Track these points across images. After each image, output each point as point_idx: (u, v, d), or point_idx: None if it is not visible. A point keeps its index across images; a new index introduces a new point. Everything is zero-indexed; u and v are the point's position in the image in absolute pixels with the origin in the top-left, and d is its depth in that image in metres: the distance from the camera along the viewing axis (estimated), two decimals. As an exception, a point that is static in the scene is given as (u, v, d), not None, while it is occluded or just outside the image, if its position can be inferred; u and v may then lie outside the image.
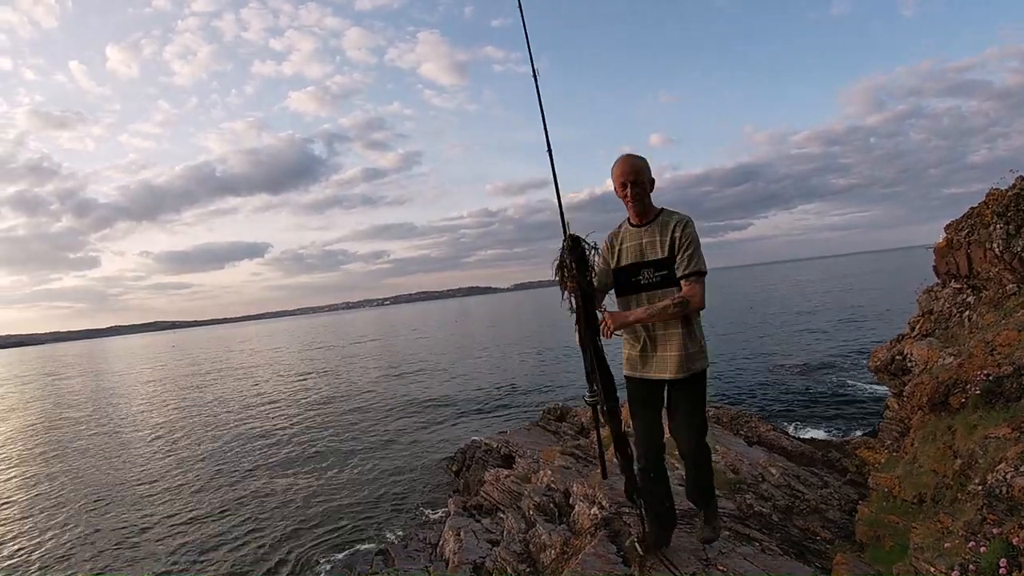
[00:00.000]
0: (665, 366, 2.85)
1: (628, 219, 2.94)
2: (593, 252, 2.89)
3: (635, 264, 2.86)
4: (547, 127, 3.00)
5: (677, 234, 2.74)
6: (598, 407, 3.07)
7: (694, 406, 2.91)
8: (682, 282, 2.71)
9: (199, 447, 16.87)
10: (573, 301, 2.85)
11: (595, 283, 2.89)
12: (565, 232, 2.87)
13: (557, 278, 2.88)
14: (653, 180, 2.85)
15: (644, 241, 2.85)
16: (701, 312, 2.83)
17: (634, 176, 2.77)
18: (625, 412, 3.10)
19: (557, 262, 2.87)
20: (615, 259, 2.95)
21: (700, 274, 2.69)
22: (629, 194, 2.80)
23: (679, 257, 2.72)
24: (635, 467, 3.04)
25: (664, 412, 3.02)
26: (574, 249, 2.83)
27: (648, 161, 2.83)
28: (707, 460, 3.12)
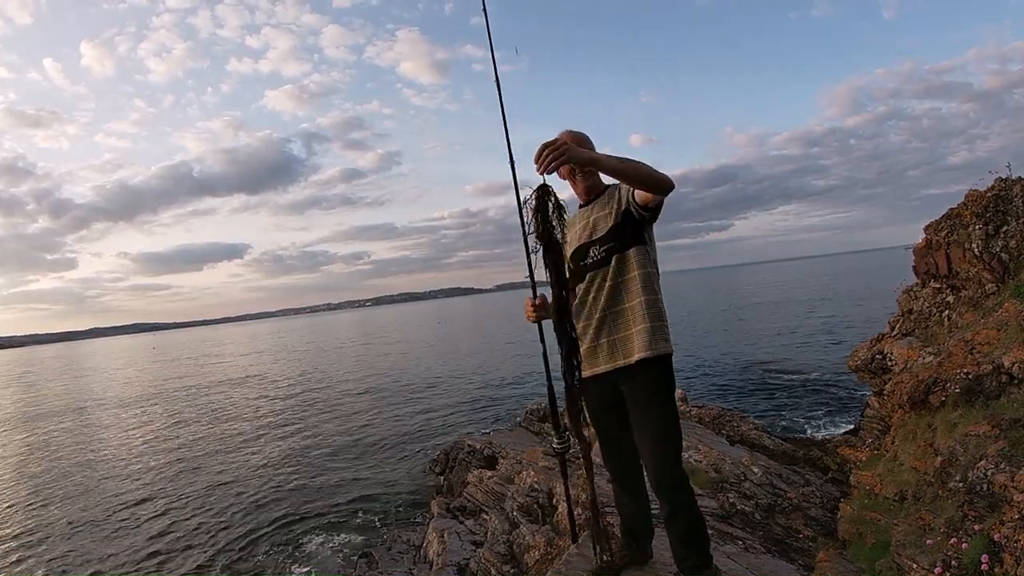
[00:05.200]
0: (624, 348, 2.37)
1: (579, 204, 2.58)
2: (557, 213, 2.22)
3: (585, 245, 2.47)
4: (507, 125, 2.41)
5: (624, 188, 2.36)
6: (565, 455, 2.53)
7: (661, 405, 2.35)
8: None
9: (176, 449, 16.61)
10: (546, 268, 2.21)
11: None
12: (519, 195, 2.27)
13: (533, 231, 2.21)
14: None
15: (595, 216, 2.47)
16: (658, 285, 2.41)
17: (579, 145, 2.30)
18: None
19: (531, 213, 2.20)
20: (569, 248, 2.54)
21: None
22: (574, 169, 2.43)
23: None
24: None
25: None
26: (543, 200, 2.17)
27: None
28: (690, 493, 2.43)
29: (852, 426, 10.72)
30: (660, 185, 2.13)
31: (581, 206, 2.57)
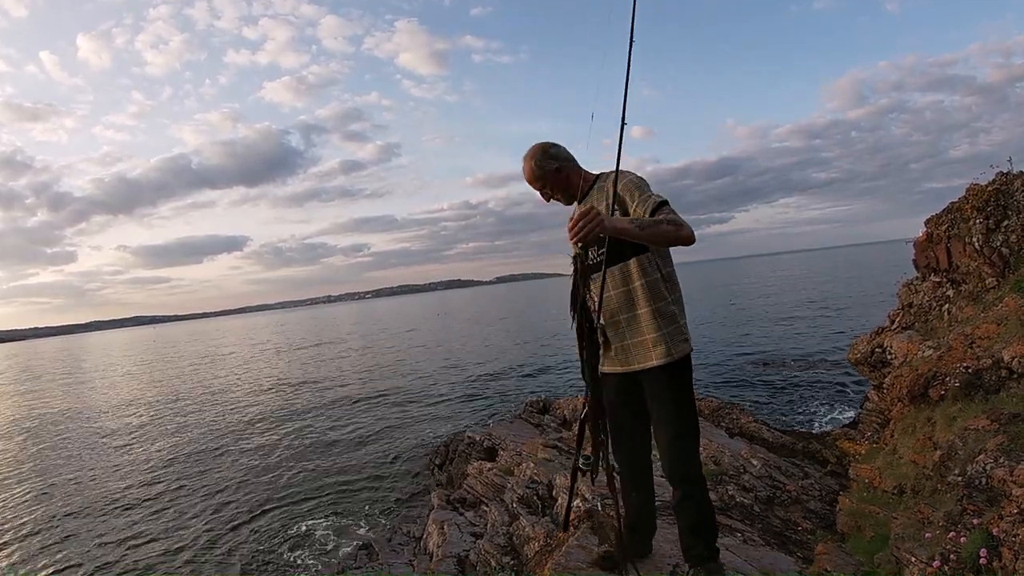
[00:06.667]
0: (640, 354, 2.39)
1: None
2: None
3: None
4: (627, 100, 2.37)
5: (619, 191, 2.32)
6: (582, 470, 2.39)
7: (678, 399, 2.39)
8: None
9: (176, 441, 16.65)
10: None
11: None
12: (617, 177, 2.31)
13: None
14: (557, 167, 2.48)
15: None
16: (677, 283, 2.45)
17: (539, 183, 2.52)
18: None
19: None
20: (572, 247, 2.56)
21: (666, 204, 2.23)
22: (548, 194, 2.55)
23: (634, 207, 2.26)
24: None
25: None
26: None
27: (540, 147, 2.51)
28: (702, 484, 2.48)
29: (851, 419, 10.74)
30: (682, 243, 2.19)
31: (579, 203, 2.56)
